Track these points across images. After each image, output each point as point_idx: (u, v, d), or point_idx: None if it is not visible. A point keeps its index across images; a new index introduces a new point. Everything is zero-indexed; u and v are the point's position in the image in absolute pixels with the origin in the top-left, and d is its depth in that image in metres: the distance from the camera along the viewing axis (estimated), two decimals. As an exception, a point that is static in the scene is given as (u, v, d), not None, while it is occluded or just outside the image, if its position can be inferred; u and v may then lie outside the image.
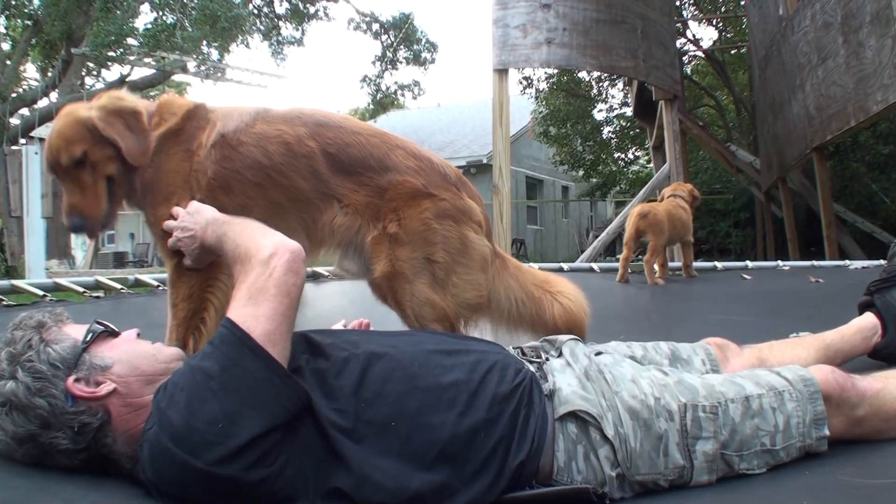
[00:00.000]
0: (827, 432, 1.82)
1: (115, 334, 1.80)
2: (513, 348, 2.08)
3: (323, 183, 2.38)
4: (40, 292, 4.16)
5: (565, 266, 6.70)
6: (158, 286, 4.62)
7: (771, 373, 1.91)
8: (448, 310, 2.39)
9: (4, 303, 3.94)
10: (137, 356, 1.74)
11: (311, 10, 23.91)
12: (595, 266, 7.00)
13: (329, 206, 2.40)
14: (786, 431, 1.79)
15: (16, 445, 1.61)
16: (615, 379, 1.83)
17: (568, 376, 1.86)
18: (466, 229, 2.45)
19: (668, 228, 6.15)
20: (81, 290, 4.36)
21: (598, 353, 2.02)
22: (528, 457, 1.68)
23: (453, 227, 2.41)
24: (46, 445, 1.60)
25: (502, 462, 1.65)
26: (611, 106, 25.75)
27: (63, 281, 4.61)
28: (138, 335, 1.84)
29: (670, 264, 6.66)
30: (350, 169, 2.39)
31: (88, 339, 1.71)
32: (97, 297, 4.30)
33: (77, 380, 1.64)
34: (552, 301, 2.58)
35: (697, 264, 6.81)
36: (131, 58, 18.87)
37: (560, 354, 2.02)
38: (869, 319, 2.58)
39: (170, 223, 2.19)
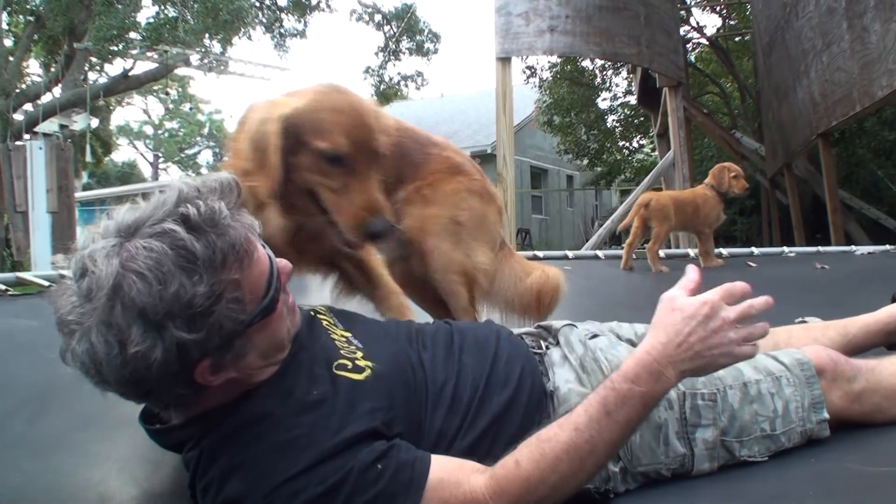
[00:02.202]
0: (826, 415, 1.81)
1: (276, 304, 1.47)
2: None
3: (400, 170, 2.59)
4: (46, 283, 4.16)
5: (570, 254, 6.69)
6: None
7: (768, 357, 1.91)
8: (467, 265, 2.61)
9: (10, 293, 3.94)
10: (274, 343, 1.52)
11: (313, 1, 23.82)
12: (600, 253, 6.98)
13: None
14: (785, 416, 1.79)
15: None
16: (611, 368, 1.80)
17: (566, 371, 1.85)
18: (488, 210, 2.74)
19: (675, 215, 6.10)
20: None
21: (594, 336, 2.00)
22: None
23: (479, 203, 2.71)
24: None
25: None
26: (615, 94, 25.65)
27: (68, 272, 4.57)
28: (289, 274, 1.57)
29: (678, 250, 6.62)
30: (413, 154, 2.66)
31: (252, 323, 1.41)
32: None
33: (209, 364, 1.37)
34: (531, 273, 2.86)
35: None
36: (134, 52, 18.86)
37: (557, 343, 2.00)
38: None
39: None
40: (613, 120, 26.66)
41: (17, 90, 18.86)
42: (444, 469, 1.45)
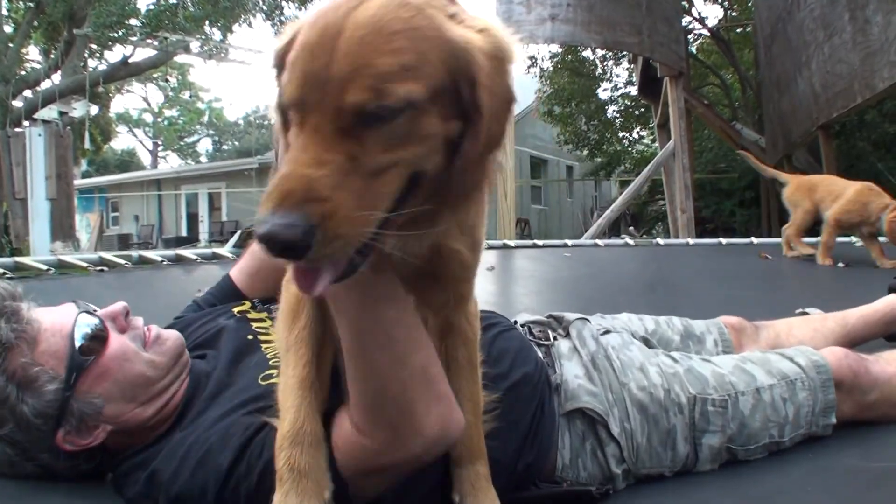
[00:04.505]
0: (834, 420, 1.81)
1: (101, 347, 1.46)
2: (520, 326, 1.98)
3: None
4: (44, 267, 4.16)
5: (570, 242, 6.68)
6: (162, 261, 4.62)
7: (783, 358, 1.88)
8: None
9: (8, 276, 3.93)
10: (130, 383, 1.48)
11: (314, -11, 23.75)
12: (599, 242, 6.98)
13: None
14: (795, 422, 1.77)
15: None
16: (622, 367, 1.78)
17: (574, 365, 1.80)
18: None
19: (810, 201, 5.72)
20: (85, 264, 4.35)
21: (606, 332, 1.95)
22: (535, 458, 1.62)
23: None
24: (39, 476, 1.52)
25: (513, 465, 1.58)
26: (615, 85, 25.56)
27: (67, 257, 4.59)
28: (127, 316, 1.57)
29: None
30: None
31: (72, 380, 1.42)
32: (101, 270, 4.28)
33: (67, 433, 1.44)
34: None
35: (704, 241, 6.73)
36: (133, 39, 18.78)
37: (567, 335, 1.94)
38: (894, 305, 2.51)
39: None
40: (614, 110, 26.61)
41: (17, 76, 18.79)
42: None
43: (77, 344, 1.43)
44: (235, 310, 1.85)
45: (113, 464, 1.52)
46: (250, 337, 1.71)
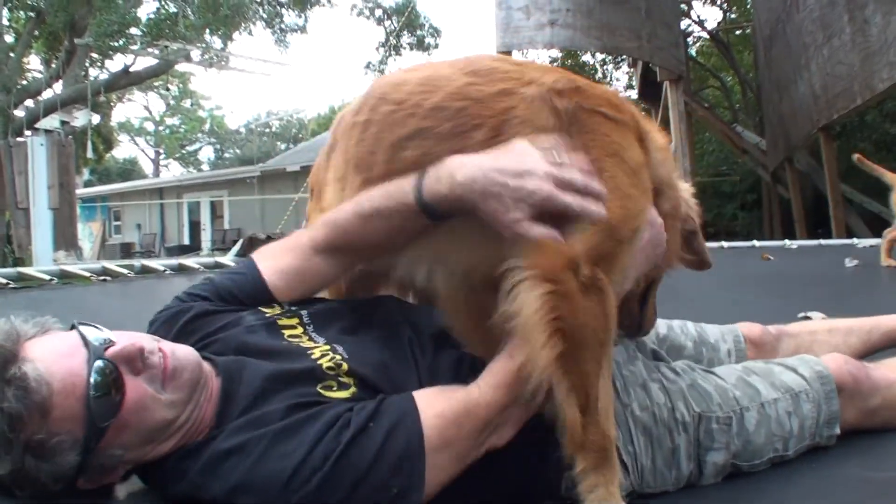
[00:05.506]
0: (838, 431, 1.78)
1: (118, 404, 1.32)
2: None
3: None
4: (47, 277, 4.17)
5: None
6: (165, 270, 4.63)
7: (787, 370, 1.84)
8: None
9: (11, 286, 3.94)
10: (151, 429, 1.38)
11: (314, -4, 23.81)
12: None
13: None
14: (799, 435, 1.75)
15: None
16: (625, 385, 1.72)
17: None
18: None
19: None
20: (88, 274, 4.37)
21: None
22: (545, 478, 1.57)
23: None
24: None
25: (525, 486, 1.55)
26: (616, 89, 25.67)
27: (69, 267, 4.60)
28: (142, 355, 1.39)
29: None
30: None
31: (92, 444, 1.31)
32: (104, 280, 4.29)
33: (87, 479, 1.36)
34: None
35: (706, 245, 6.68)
36: (134, 47, 18.86)
37: None
38: None
39: None
40: (614, 115, 26.62)
41: (18, 86, 18.85)
42: (428, 398, 1.39)
43: (93, 406, 1.31)
44: (265, 311, 1.71)
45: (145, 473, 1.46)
46: (285, 342, 1.61)
